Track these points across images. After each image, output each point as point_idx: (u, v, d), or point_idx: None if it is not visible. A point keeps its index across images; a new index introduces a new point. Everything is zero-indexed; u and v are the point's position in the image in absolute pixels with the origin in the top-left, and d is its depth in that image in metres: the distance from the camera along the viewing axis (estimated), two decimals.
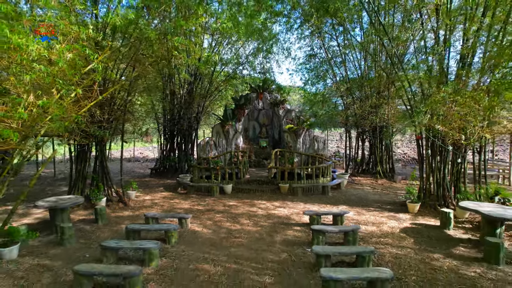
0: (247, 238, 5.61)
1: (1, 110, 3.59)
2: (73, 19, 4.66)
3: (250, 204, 8.04)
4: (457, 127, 6.01)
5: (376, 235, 5.70)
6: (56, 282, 4.02)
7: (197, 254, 4.88)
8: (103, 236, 5.77)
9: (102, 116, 6.63)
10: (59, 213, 5.87)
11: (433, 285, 3.87)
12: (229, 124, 11.73)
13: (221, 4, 9.30)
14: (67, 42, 4.54)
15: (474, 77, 5.82)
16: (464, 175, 7.22)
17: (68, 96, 4.93)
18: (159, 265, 4.47)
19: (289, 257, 4.79)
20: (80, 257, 4.83)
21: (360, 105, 11.08)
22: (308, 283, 3.96)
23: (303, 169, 9.77)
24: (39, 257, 4.82)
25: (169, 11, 6.13)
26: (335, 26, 11.24)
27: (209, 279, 4.09)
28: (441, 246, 5.20)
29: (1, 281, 4.00)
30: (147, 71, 7.53)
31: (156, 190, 10.00)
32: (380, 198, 8.82)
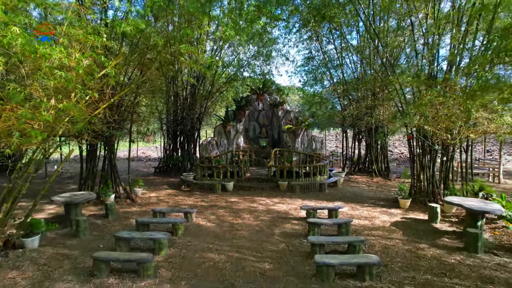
0: (248, 230, 6.02)
1: (30, 113, 3.98)
2: (89, 29, 5.05)
3: (251, 200, 8.44)
4: (444, 128, 6.41)
5: (368, 228, 6.11)
6: (76, 268, 4.43)
7: (202, 245, 5.29)
8: (114, 229, 6.17)
9: (112, 117, 7.03)
10: (73, 207, 6.28)
11: (415, 270, 4.29)
12: (230, 125, 12.14)
13: (223, 11, 9.68)
14: (84, 50, 4.95)
15: (460, 81, 6.22)
16: (452, 173, 7.63)
17: (83, 99, 5.34)
18: (168, 254, 4.88)
19: (286, 247, 5.20)
20: (94, 247, 5.23)
21: (356, 106, 11.49)
22: (303, 269, 4.37)
23: (301, 167, 10.17)
24: (57, 247, 5.24)
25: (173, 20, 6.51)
26: (332, 30, 11.64)
27: (214, 265, 4.50)
28: (427, 237, 5.61)
29: (27, 267, 4.42)
30: (153, 75, 7.93)
31: (161, 188, 10.41)
32: (374, 195, 9.23)
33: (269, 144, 13.38)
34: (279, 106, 12.90)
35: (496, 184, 10.60)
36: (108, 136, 7.82)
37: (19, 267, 4.42)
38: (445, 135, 6.39)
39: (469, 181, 7.53)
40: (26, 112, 4.02)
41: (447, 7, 7.15)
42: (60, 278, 4.14)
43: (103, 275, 4.14)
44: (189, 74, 11.66)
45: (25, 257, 4.74)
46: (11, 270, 4.31)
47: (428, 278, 4.07)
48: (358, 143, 13.54)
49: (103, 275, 4.14)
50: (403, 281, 3.98)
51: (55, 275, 4.22)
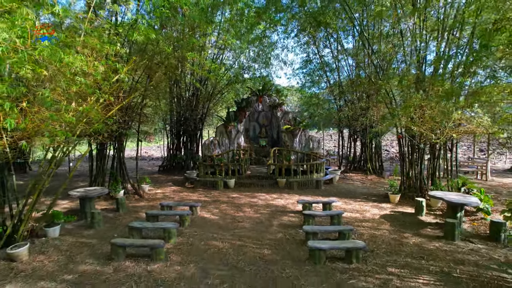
0: (248, 222, 6.52)
1: (56, 115, 4.48)
2: (105, 39, 5.54)
3: (251, 196, 8.94)
4: (429, 128, 6.92)
5: (359, 220, 6.61)
6: (95, 254, 4.93)
7: (207, 234, 5.79)
8: (125, 221, 6.66)
9: (122, 118, 7.53)
10: (88, 201, 6.78)
11: (398, 255, 4.79)
12: (231, 125, 12.63)
13: (225, 19, 10.15)
14: (100, 58, 5.45)
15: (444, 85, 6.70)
16: (439, 170, 8.14)
17: (98, 102, 5.84)
18: (176, 242, 5.38)
19: (284, 236, 5.70)
20: (109, 236, 5.72)
21: (351, 108, 11.98)
22: (298, 254, 4.87)
23: (299, 165, 10.67)
24: (76, 236, 5.74)
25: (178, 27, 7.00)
26: (329, 35, 12.14)
27: (219, 251, 5.00)
28: (412, 228, 6.12)
29: (52, 253, 4.92)
30: (160, 79, 8.43)
31: (166, 185, 10.91)
32: (367, 191, 9.74)
33: (269, 144, 13.87)
34: (278, 107, 13.40)
35: (484, 181, 11.10)
36: (118, 136, 8.31)
37: (44, 252, 4.92)
38: (430, 135, 6.89)
39: (455, 177, 8.03)
40: (52, 114, 4.53)
41: (435, 16, 7.60)
42: (82, 261, 4.64)
43: (120, 259, 4.65)
44: (192, 77, 12.14)
45: (49, 244, 5.24)
46: (39, 255, 4.82)
47: (408, 260, 4.58)
48: (354, 143, 14.04)
49: (120, 259, 4.65)
50: (386, 264, 4.48)
51: (77, 259, 4.73)
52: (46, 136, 4.24)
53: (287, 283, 3.96)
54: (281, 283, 3.97)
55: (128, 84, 6.67)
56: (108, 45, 5.52)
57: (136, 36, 5.94)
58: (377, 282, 3.95)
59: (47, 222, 5.66)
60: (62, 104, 4.91)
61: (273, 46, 13.98)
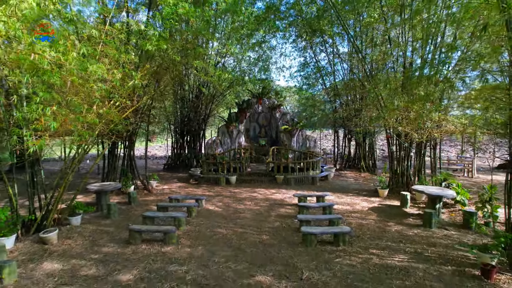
0: (249, 213, 7.15)
1: (82, 117, 5.11)
2: (122, 49, 6.15)
3: (251, 191, 9.57)
4: (414, 128, 7.54)
5: (349, 211, 7.24)
6: (114, 239, 5.56)
7: (213, 223, 6.42)
8: (137, 213, 7.29)
9: (134, 119, 8.16)
10: (103, 195, 7.41)
11: (380, 239, 5.42)
12: (233, 125, 13.26)
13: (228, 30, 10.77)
14: (117, 66, 6.07)
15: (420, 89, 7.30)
16: (424, 167, 8.77)
17: (115, 105, 6.46)
18: (185, 229, 6.01)
19: (280, 224, 6.33)
20: (125, 225, 6.34)
21: (345, 109, 12.60)
22: (293, 239, 5.50)
23: (296, 163, 11.30)
24: (95, 225, 6.37)
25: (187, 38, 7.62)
26: (324, 41, 12.76)
27: (223, 237, 5.63)
28: (396, 218, 6.74)
29: (76, 238, 5.55)
30: (167, 83, 9.06)
31: (171, 181, 11.54)
32: (359, 187, 10.37)
33: (268, 143, 14.49)
34: (276, 108, 14.03)
35: (469, 178, 11.73)
36: (129, 135, 8.95)
37: (70, 238, 5.56)
38: (414, 134, 7.52)
39: (439, 173, 8.66)
40: (79, 116, 5.16)
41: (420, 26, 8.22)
42: (104, 245, 5.28)
43: (137, 243, 5.28)
44: (194, 81, 12.76)
45: (73, 231, 5.88)
46: (66, 239, 5.45)
47: (388, 244, 5.21)
48: (349, 142, 14.67)
49: (137, 243, 5.28)
50: (369, 246, 5.11)
51: (100, 243, 5.36)
52: (75, 135, 4.86)
53: (282, 261, 4.59)
54: (277, 261, 4.59)
55: (141, 89, 7.29)
56: (124, 55, 6.15)
57: (148, 46, 6.56)
58: (359, 260, 4.58)
59: (71, 212, 6.29)
60: (84, 107, 5.54)
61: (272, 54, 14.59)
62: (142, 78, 6.88)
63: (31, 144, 4.38)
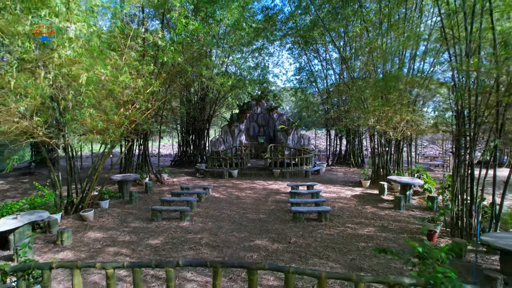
0: (249, 199, 8.24)
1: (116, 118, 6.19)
2: (143, 62, 7.22)
3: (251, 182, 10.67)
4: (391, 127, 8.62)
5: (334, 198, 8.33)
6: (138, 218, 6.65)
7: (219, 206, 7.51)
8: (153, 199, 8.38)
9: (150, 119, 9.24)
10: (125, 184, 8.50)
11: (355, 217, 6.52)
12: (234, 125, 14.35)
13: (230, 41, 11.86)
14: (140, 75, 7.15)
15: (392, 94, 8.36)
16: (402, 161, 9.88)
17: (136, 108, 7.54)
18: (196, 211, 7.10)
19: (275, 207, 7.42)
20: (145, 208, 7.42)
21: (336, 110, 13.69)
22: (285, 217, 6.59)
23: (291, 159, 12.38)
24: (120, 208, 7.46)
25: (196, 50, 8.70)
26: (316, 49, 13.86)
27: (228, 216, 6.72)
28: (373, 203, 7.84)
29: (108, 217, 6.64)
30: (177, 88, 10.14)
31: (180, 175, 12.62)
32: (347, 179, 11.46)
33: (266, 141, 15.58)
34: (274, 110, 15.12)
35: (446, 172, 12.82)
36: (144, 134, 10.04)
37: (103, 217, 6.65)
38: (391, 133, 8.61)
39: (414, 167, 9.76)
40: (112, 117, 6.25)
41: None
42: (132, 222, 6.37)
43: (159, 220, 6.37)
44: (200, 84, 13.85)
45: (103, 212, 6.97)
46: (100, 218, 6.55)
47: (361, 220, 6.31)
48: (340, 141, 15.77)
49: (159, 220, 6.37)
50: (346, 222, 6.21)
51: (128, 220, 6.46)
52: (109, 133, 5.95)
53: (275, 232, 5.69)
54: (271, 231, 5.69)
55: (159, 94, 8.37)
56: (145, 66, 7.23)
57: (165, 58, 7.64)
58: (336, 231, 5.68)
59: (100, 197, 7.39)
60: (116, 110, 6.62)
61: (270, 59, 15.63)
62: (159, 85, 7.97)
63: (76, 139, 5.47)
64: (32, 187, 10.12)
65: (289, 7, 13.34)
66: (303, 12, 12.86)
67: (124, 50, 7.16)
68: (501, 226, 5.20)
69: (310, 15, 12.59)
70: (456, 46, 5.24)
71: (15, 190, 10.04)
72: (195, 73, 8.88)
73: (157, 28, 7.63)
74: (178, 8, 7.62)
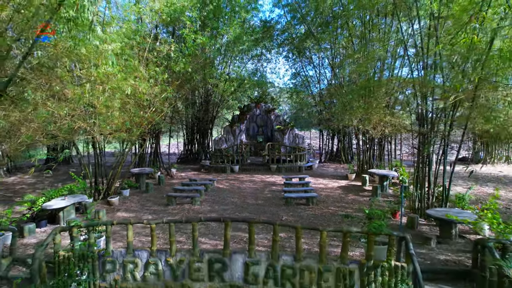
0: (249, 189, 9.36)
1: (137, 118, 7.30)
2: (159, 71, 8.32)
3: (251, 176, 11.79)
4: (372, 127, 9.75)
5: (322, 188, 9.45)
6: (156, 203, 7.77)
7: (223, 195, 8.63)
8: (166, 190, 9.46)
9: (163, 120, 10.36)
10: (142, 176, 9.62)
11: (338, 202, 7.65)
12: (235, 125, 15.47)
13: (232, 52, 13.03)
14: (156, 83, 8.27)
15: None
16: (383, 157, 11.02)
17: (152, 110, 8.65)
18: (204, 198, 8.22)
19: (271, 195, 8.55)
20: (160, 196, 8.52)
21: (328, 112, 14.81)
22: (279, 203, 7.71)
23: (287, 156, 13.51)
24: (138, 196, 8.58)
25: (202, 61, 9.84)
26: (309, 58, 15.00)
27: (231, 202, 7.85)
28: (355, 192, 8.96)
29: (130, 203, 7.77)
30: (185, 92, 11.27)
31: (186, 170, 13.74)
32: (336, 174, 12.59)
33: (264, 140, 16.70)
34: (271, 112, 16.26)
35: None
36: (156, 133, 11.16)
37: (126, 202, 7.78)
38: (372, 132, 9.73)
39: (393, 162, 10.90)
40: (133, 118, 7.37)
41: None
42: (151, 206, 7.50)
43: (173, 204, 7.49)
44: (205, 89, 14.98)
45: (126, 199, 8.10)
46: (123, 203, 7.67)
47: (342, 204, 7.44)
48: (332, 140, 16.91)
49: (173, 204, 7.49)
50: (329, 206, 7.34)
51: (147, 205, 7.58)
52: (133, 132, 7.07)
53: (271, 212, 6.81)
54: (267, 212, 6.82)
55: (172, 99, 9.49)
56: (160, 74, 8.35)
57: (177, 68, 8.76)
58: (320, 212, 6.81)
59: (123, 187, 8.51)
60: (136, 112, 7.73)
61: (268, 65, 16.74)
62: (172, 91, 9.10)
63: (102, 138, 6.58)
64: (56, 180, 11.27)
65: (285, 18, 14.48)
66: (297, 23, 13.99)
67: (143, 61, 8.29)
68: (451, 206, 6.34)
69: (304, 25, 13.71)
70: (415, 62, 6.39)
71: (41, 183, 11.13)
72: (200, 79, 9.98)
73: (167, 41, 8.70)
74: (188, 25, 8.74)
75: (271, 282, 3.66)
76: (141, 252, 3.89)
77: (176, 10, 8.55)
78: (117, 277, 3.84)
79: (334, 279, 3.58)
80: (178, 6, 8.36)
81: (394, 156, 11.15)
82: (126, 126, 6.44)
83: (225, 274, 3.74)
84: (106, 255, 3.84)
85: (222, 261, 3.75)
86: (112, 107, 6.50)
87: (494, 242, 3.56)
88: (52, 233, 3.76)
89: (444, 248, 4.83)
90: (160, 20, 9.22)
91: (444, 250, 4.75)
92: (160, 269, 3.82)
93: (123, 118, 7.14)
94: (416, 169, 6.84)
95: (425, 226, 5.95)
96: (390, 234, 3.52)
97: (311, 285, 3.59)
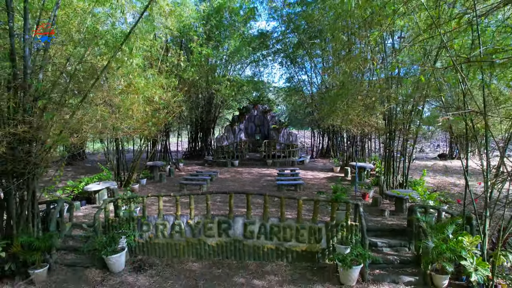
0: (248, 180, 10.70)
1: (154, 120, 8.59)
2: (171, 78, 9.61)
3: (249, 170, 13.13)
4: (353, 126, 11.09)
5: (310, 179, 10.81)
6: (170, 190, 9.10)
7: (225, 184, 9.97)
8: (176, 180, 10.79)
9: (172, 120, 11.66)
10: (155, 168, 10.95)
11: (321, 188, 9.01)
12: (235, 125, 16.79)
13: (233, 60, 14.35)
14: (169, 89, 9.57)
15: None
16: (365, 153, 12.39)
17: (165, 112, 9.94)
18: (209, 186, 9.56)
19: (266, 184, 9.89)
20: (172, 185, 9.86)
21: (318, 113, 16.16)
22: (273, 189, 9.05)
23: (281, 152, 14.85)
24: (153, 185, 9.91)
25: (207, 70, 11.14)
26: (302, 64, 16.34)
27: (232, 188, 9.19)
28: (337, 181, 10.31)
29: (147, 189, 9.10)
30: (191, 96, 12.58)
31: (191, 165, 15.06)
32: (324, 167, 13.95)
33: (261, 138, 18.03)
34: (268, 112, 17.59)
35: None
36: (167, 132, 12.46)
37: (144, 189, 9.11)
38: (354, 130, 11.09)
39: (373, 157, 12.27)
40: (150, 119, 8.69)
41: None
42: (166, 191, 8.83)
43: (185, 190, 8.83)
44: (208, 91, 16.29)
45: (144, 187, 9.43)
46: (142, 189, 9.00)
47: (324, 189, 8.79)
48: (322, 138, 18.27)
49: (185, 190, 8.83)
50: (313, 191, 8.68)
51: (163, 191, 8.91)
52: (152, 131, 8.38)
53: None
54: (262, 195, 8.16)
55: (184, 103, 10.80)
56: (171, 82, 9.65)
57: (186, 76, 10.07)
58: (304, 193, 8.16)
59: (139, 177, 9.83)
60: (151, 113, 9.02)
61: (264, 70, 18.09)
62: (182, 96, 10.42)
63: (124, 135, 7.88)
64: (77, 172, 12.55)
65: (281, 28, 15.81)
66: (291, 31, 15.31)
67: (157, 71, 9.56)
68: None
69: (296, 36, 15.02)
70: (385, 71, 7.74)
71: (65, 175, 12.42)
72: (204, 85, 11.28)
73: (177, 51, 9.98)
74: (195, 40, 10.04)
75: (263, 236, 5.01)
76: (168, 216, 5.23)
77: (185, 26, 9.85)
78: (151, 235, 5.17)
79: (308, 234, 4.92)
80: (187, 24, 9.66)
81: (374, 151, 12.53)
82: (148, 126, 7.73)
83: (229, 232, 5.08)
84: (143, 219, 5.17)
85: (227, 222, 5.09)
86: (141, 111, 7.81)
87: (419, 206, 4.92)
88: (104, 203, 5.09)
89: (394, 217, 6.20)
90: (170, 34, 10.52)
91: (394, 218, 6.12)
92: (182, 228, 5.15)
93: (145, 119, 8.44)
94: (383, 160, 8.20)
95: (387, 204, 7.32)
96: (347, 201, 4.87)
97: (291, 238, 4.93)
